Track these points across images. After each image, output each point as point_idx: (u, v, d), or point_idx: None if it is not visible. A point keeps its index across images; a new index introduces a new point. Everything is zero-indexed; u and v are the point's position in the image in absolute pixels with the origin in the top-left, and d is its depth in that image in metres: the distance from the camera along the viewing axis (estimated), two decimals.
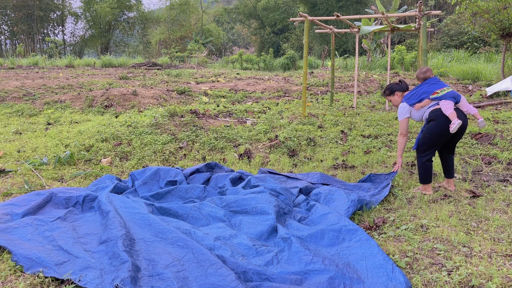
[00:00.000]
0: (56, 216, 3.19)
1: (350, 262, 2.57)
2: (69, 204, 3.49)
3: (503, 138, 5.53)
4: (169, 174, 4.21)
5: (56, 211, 3.35)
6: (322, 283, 2.34)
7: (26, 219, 3.07)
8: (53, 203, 3.47)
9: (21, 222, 3.02)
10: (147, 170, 4.24)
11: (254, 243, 2.79)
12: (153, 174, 4.15)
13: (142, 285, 2.30)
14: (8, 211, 3.21)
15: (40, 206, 3.37)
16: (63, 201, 3.49)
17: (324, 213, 3.22)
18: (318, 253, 2.65)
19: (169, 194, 3.82)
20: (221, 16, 44.18)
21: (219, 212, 3.33)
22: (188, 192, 3.87)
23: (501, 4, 11.01)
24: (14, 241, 2.75)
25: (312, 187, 4.11)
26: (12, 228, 2.93)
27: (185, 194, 3.85)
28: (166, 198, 3.78)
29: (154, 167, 4.31)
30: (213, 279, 2.32)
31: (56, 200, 3.49)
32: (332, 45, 9.79)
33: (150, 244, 2.75)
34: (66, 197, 3.52)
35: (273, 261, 2.60)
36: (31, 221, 3.03)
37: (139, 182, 4.01)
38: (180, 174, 4.23)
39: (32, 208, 3.29)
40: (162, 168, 4.27)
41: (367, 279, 2.40)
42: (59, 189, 3.78)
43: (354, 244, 2.73)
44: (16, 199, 3.50)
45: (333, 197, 3.68)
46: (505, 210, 3.38)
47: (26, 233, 2.86)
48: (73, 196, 3.55)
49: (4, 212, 3.20)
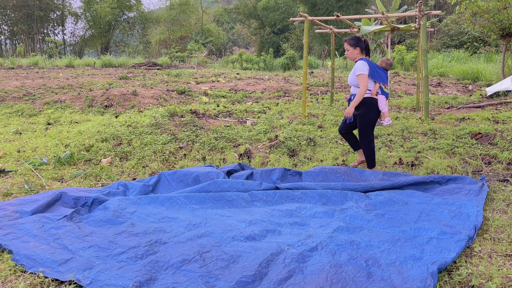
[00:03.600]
0: (63, 215, 3.22)
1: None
2: (78, 204, 3.51)
3: (503, 138, 5.53)
4: (209, 177, 4.19)
5: (64, 209, 3.38)
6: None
7: (34, 217, 3.13)
8: (62, 201, 3.51)
9: (28, 219, 3.08)
10: (186, 176, 4.22)
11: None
12: (194, 180, 4.18)
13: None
14: (17, 209, 3.29)
15: (50, 204, 3.40)
16: (72, 201, 3.52)
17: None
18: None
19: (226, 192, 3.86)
20: (221, 16, 44.16)
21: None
22: (244, 184, 3.96)
23: (501, 4, 11.01)
24: (19, 238, 2.78)
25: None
26: (19, 223, 3.00)
27: (242, 186, 3.93)
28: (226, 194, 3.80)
29: (189, 170, 4.31)
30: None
31: (65, 199, 3.53)
32: (332, 45, 9.79)
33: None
34: (75, 197, 3.56)
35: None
36: (38, 219, 3.08)
37: (190, 189, 3.96)
38: (222, 174, 4.24)
39: (41, 206, 3.32)
40: (200, 173, 4.25)
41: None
42: (70, 188, 3.84)
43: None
44: (27, 197, 3.59)
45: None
46: (505, 210, 3.38)
47: (32, 229, 2.90)
48: (82, 197, 3.58)
49: (14, 210, 3.28)
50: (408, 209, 3.32)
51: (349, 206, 3.49)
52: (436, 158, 5.03)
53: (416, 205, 3.43)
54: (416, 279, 2.28)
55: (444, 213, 3.23)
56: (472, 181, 3.98)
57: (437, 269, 2.37)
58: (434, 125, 6.72)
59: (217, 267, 2.45)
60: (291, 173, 4.44)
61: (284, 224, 3.12)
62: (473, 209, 3.25)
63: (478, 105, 9.08)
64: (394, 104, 10.10)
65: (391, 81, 14.11)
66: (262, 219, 3.22)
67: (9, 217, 3.14)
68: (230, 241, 2.81)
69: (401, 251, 2.61)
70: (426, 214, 3.23)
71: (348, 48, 4.38)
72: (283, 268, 2.42)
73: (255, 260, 2.49)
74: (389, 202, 3.50)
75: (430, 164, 4.76)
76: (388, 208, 3.40)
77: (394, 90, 12.81)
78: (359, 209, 3.37)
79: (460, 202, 3.41)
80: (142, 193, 3.88)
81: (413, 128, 6.60)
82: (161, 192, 4.03)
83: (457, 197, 3.61)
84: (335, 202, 3.63)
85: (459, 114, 7.95)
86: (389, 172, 4.42)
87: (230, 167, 4.52)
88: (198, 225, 3.11)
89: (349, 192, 3.73)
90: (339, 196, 3.68)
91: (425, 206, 3.40)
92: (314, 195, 3.71)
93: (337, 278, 2.30)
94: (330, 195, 3.69)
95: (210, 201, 3.64)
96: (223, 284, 2.27)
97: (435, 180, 4.00)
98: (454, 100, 10.13)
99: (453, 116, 7.55)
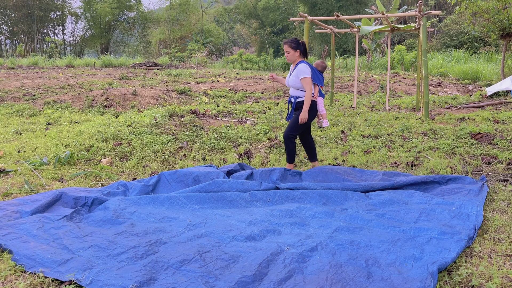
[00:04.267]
0: (63, 215, 3.22)
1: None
2: (78, 204, 3.52)
3: (503, 138, 5.53)
4: (209, 177, 4.19)
5: (64, 209, 3.39)
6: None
7: (34, 217, 3.14)
8: (62, 201, 3.52)
9: (28, 219, 3.09)
10: (186, 176, 4.22)
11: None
12: (194, 180, 4.18)
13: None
14: (17, 209, 3.30)
15: (49, 204, 3.40)
16: (72, 201, 3.53)
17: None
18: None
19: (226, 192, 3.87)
20: (221, 16, 44.15)
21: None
22: (244, 184, 3.97)
23: (501, 4, 11.01)
24: (19, 238, 2.79)
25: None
26: (19, 223, 3.01)
27: (242, 186, 3.93)
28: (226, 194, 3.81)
29: (188, 170, 4.30)
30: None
31: (65, 199, 3.53)
32: (332, 45, 9.79)
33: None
34: (75, 197, 3.56)
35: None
36: (38, 219, 3.09)
37: (190, 189, 3.97)
38: (222, 174, 4.24)
39: (41, 206, 3.33)
40: (200, 173, 4.25)
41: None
42: (70, 188, 3.85)
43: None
44: (27, 197, 3.58)
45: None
46: (505, 210, 3.38)
47: (32, 229, 2.90)
48: (82, 197, 3.58)
49: (14, 210, 3.29)
50: (408, 209, 3.32)
51: (349, 206, 3.49)
52: (436, 158, 5.03)
53: (416, 205, 3.43)
54: (416, 279, 2.28)
55: (444, 213, 3.23)
56: (472, 181, 3.98)
57: (437, 269, 2.37)
58: (434, 125, 6.72)
59: (217, 267, 2.45)
60: (291, 173, 4.44)
61: (284, 224, 3.13)
62: (473, 209, 3.25)
63: (478, 105, 9.08)
64: (394, 104, 10.10)
65: (391, 81, 14.11)
66: (262, 219, 3.22)
67: (9, 217, 3.15)
68: (230, 241, 2.81)
69: (401, 251, 2.61)
70: (426, 214, 3.23)
71: (289, 51, 4.38)
72: (283, 268, 2.42)
73: (255, 260, 2.49)
74: (389, 202, 3.51)
75: (430, 164, 4.76)
76: (388, 208, 3.40)
77: (394, 90, 12.82)
78: (359, 209, 3.37)
79: (460, 202, 3.41)
80: (142, 193, 3.88)
81: (413, 128, 6.60)
82: (161, 192, 4.03)
83: (457, 197, 3.61)
84: (335, 202, 3.63)
85: (459, 114, 7.95)
86: (389, 172, 4.42)
87: (230, 167, 4.53)
88: (198, 225, 3.11)
89: (349, 192, 3.74)
90: (339, 196, 3.68)
91: (425, 206, 3.40)
92: (314, 195, 3.71)
93: (337, 278, 2.30)
94: (330, 195, 3.69)
95: (210, 201, 3.64)
96: (223, 284, 2.27)
97: (435, 180, 4.00)
98: (454, 100, 10.13)
99: (453, 116, 7.55)
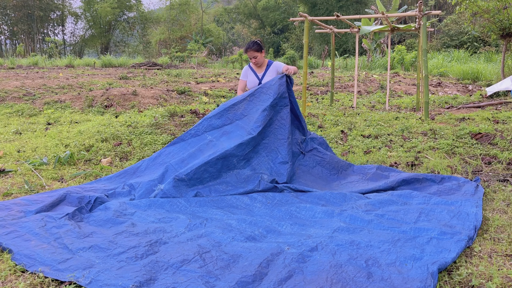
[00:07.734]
0: (65, 213, 3.23)
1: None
2: (82, 203, 3.52)
3: (503, 138, 5.53)
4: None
5: (68, 208, 3.40)
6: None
7: (37, 215, 3.15)
8: (67, 201, 3.53)
9: (32, 217, 3.11)
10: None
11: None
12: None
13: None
14: (22, 209, 3.30)
15: (54, 204, 3.41)
16: (76, 200, 3.53)
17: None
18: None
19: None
20: (221, 16, 44.18)
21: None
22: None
23: (501, 4, 11.01)
24: (21, 236, 2.80)
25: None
26: (22, 222, 3.02)
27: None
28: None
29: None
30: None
31: (70, 199, 3.54)
32: (332, 45, 9.80)
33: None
34: (80, 196, 3.56)
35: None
36: (41, 217, 3.11)
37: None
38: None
39: (45, 206, 3.34)
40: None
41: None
42: (75, 188, 3.86)
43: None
44: (32, 196, 3.61)
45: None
46: (505, 210, 3.38)
47: (34, 227, 2.91)
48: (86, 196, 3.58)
49: (18, 209, 3.29)
50: (408, 209, 3.33)
51: (348, 206, 3.49)
52: (436, 158, 5.03)
53: (415, 205, 3.43)
54: (416, 279, 2.28)
55: (443, 213, 3.23)
56: (466, 180, 4.01)
57: (437, 269, 2.37)
58: (434, 125, 6.72)
59: (217, 267, 2.45)
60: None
61: (284, 224, 3.13)
62: (472, 209, 3.25)
63: (478, 105, 9.09)
64: (394, 104, 10.10)
65: (391, 81, 14.12)
66: (262, 219, 3.22)
67: (13, 216, 3.16)
68: (230, 241, 2.81)
69: (401, 251, 2.61)
70: (425, 214, 3.23)
71: (256, 55, 4.37)
72: (283, 268, 2.42)
73: (255, 260, 2.49)
74: (388, 202, 3.51)
75: (430, 164, 4.76)
76: (387, 208, 3.40)
77: (394, 90, 12.82)
78: (359, 210, 3.38)
79: (459, 202, 3.41)
80: (149, 192, 3.82)
81: (413, 128, 6.60)
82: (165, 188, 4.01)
83: (454, 197, 3.61)
84: (334, 202, 3.63)
85: (459, 114, 7.95)
86: (383, 166, 4.53)
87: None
88: (198, 225, 3.11)
89: (347, 193, 3.75)
90: (338, 198, 3.69)
91: (424, 206, 3.40)
92: (313, 198, 3.72)
93: (337, 278, 2.30)
94: (329, 196, 3.70)
95: (210, 202, 3.64)
96: (223, 284, 2.27)
97: (427, 177, 4.05)
98: (454, 100, 10.13)
99: (453, 116, 7.55)
